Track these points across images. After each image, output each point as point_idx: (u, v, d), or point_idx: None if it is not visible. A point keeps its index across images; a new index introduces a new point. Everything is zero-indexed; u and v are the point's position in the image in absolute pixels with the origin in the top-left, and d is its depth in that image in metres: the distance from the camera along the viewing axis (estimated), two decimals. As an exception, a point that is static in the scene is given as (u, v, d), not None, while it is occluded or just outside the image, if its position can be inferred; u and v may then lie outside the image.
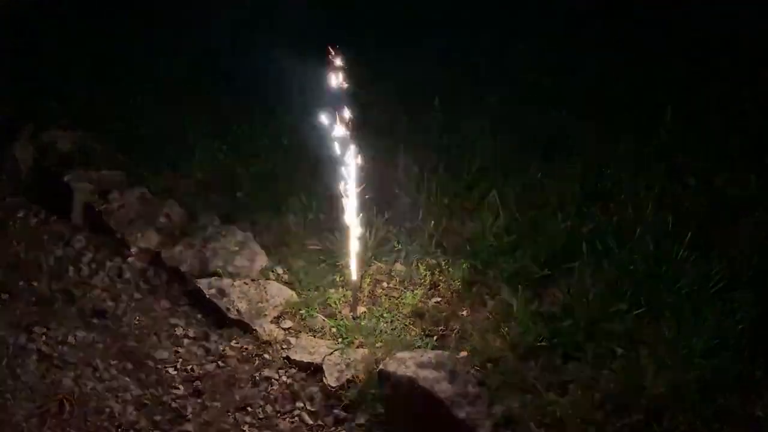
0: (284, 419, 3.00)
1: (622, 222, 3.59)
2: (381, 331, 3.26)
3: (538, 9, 5.49)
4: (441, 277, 3.54)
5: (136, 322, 3.43)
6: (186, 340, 3.36)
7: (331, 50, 3.04)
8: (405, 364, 2.89)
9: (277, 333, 3.35)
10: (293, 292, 3.53)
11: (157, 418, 2.96)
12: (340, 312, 3.40)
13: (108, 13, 5.60)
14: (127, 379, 3.13)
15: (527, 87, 4.80)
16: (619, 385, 2.87)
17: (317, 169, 4.17)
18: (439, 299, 3.45)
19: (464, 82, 4.88)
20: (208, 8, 5.64)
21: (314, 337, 3.32)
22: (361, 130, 3.14)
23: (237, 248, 3.72)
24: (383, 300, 3.45)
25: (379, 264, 3.63)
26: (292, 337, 3.34)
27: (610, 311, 3.15)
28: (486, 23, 5.45)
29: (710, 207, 3.67)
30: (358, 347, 3.20)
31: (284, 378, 3.16)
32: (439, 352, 3.00)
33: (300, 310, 3.44)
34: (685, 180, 3.88)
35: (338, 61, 3.05)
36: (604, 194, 3.86)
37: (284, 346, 3.29)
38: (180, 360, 3.25)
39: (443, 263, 3.60)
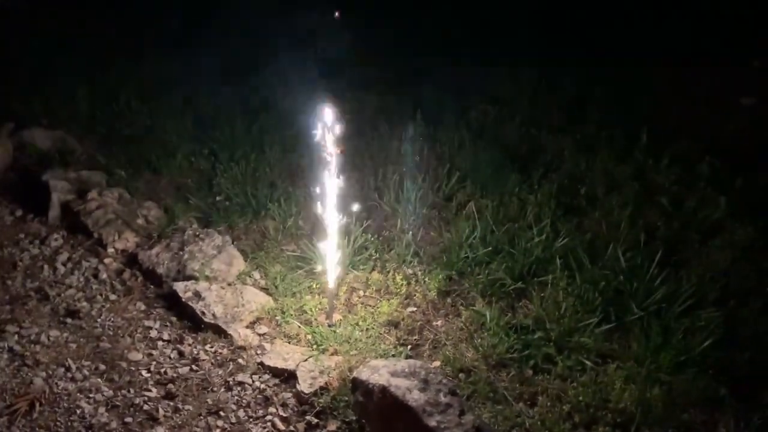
0: (256, 424, 3.00)
1: (596, 238, 3.67)
2: (356, 339, 3.29)
3: (517, 28, 5.59)
4: (417, 287, 3.58)
5: (110, 323, 3.42)
6: (160, 343, 3.35)
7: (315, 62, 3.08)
8: (378, 372, 2.91)
9: (252, 338, 3.36)
10: (269, 298, 3.54)
11: (129, 419, 2.95)
12: (315, 319, 3.42)
13: (93, 14, 5.60)
14: (99, 380, 3.11)
15: (506, 103, 4.87)
16: (587, 397, 2.93)
17: (297, 175, 4.21)
18: (414, 309, 3.49)
19: (445, 96, 4.94)
20: (192, 11, 5.66)
21: (289, 343, 3.33)
22: (342, 139, 3.17)
23: (215, 252, 3.73)
24: (359, 308, 3.48)
25: (356, 272, 3.66)
26: (266, 342, 3.35)
27: (581, 325, 3.22)
28: (466, 41, 5.53)
29: (681, 227, 3.76)
30: (332, 354, 3.23)
31: (258, 383, 3.17)
32: (413, 361, 3.03)
33: (276, 315, 3.46)
34: (658, 200, 3.97)
35: (322, 72, 3.09)
36: (578, 210, 3.94)
37: (259, 352, 3.30)
38: (153, 362, 3.24)
39: (419, 273, 3.64)
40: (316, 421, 2.99)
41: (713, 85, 5.00)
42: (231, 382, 3.16)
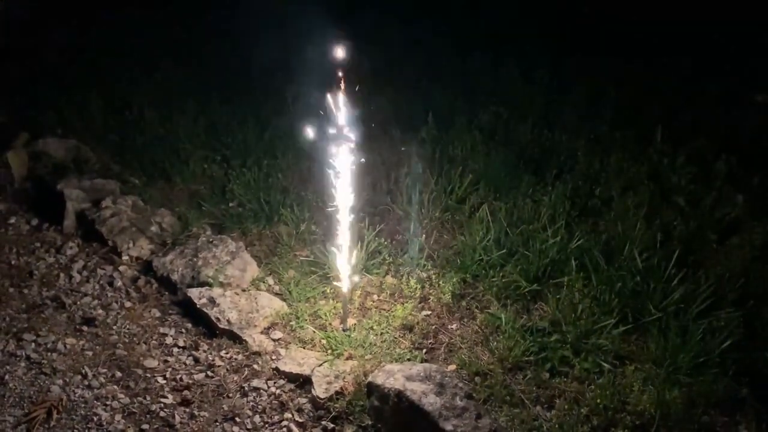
0: (272, 430, 3.00)
1: (611, 239, 3.63)
2: (370, 343, 3.28)
3: (528, 28, 5.57)
4: (431, 291, 3.56)
5: (126, 331, 3.43)
6: (175, 350, 3.36)
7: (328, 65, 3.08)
8: (393, 376, 2.90)
9: (267, 344, 3.36)
10: (284, 303, 3.54)
11: (145, 426, 2.96)
12: (330, 324, 3.42)
13: (104, 23, 5.64)
14: (115, 387, 3.12)
15: (518, 104, 4.85)
16: (605, 400, 2.90)
17: (310, 180, 4.21)
18: (428, 312, 3.47)
19: (457, 97, 4.92)
20: (202, 19, 5.70)
21: (304, 348, 3.33)
22: (355, 143, 3.17)
23: (228, 258, 3.73)
24: (373, 312, 3.47)
25: (370, 276, 3.65)
26: (281, 348, 3.35)
27: (598, 327, 3.18)
28: (477, 42, 5.52)
29: (698, 227, 3.72)
30: (347, 359, 3.21)
31: (273, 389, 3.17)
32: (428, 365, 3.02)
33: (290, 321, 3.46)
34: (673, 199, 3.93)
35: (334, 75, 3.08)
36: (593, 211, 3.91)
37: (274, 357, 3.30)
38: (169, 369, 3.25)
39: (433, 276, 3.63)
40: (331, 426, 2.98)
41: (727, 82, 4.95)
42: (246, 388, 3.16)
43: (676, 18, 5.47)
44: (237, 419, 3.02)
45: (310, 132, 3.18)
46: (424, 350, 3.27)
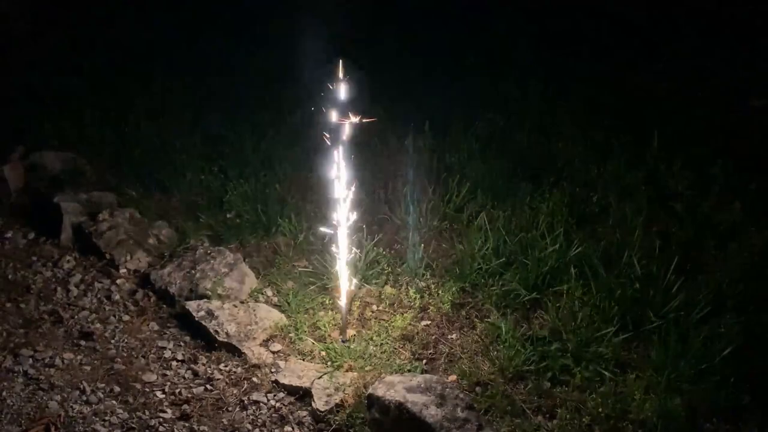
0: (272, 443, 2.99)
1: (610, 246, 3.63)
2: (370, 354, 3.27)
3: (523, 35, 5.58)
4: (430, 300, 3.55)
5: (124, 345, 3.41)
6: (174, 363, 3.34)
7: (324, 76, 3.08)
8: (394, 388, 2.89)
9: (266, 356, 3.34)
10: (282, 315, 3.53)
11: (144, 441, 2.94)
12: (329, 335, 3.40)
13: (100, 35, 5.64)
14: (114, 402, 3.10)
15: (515, 111, 4.85)
16: (606, 409, 2.89)
17: (307, 190, 4.20)
18: (428, 322, 3.46)
19: (453, 106, 4.92)
20: (197, 30, 5.69)
21: (303, 360, 3.31)
22: (352, 152, 3.16)
23: (226, 270, 3.72)
24: (373, 323, 3.46)
25: (369, 286, 3.64)
26: (281, 360, 3.33)
27: (598, 335, 3.17)
28: (476, 49, 5.52)
29: (696, 233, 3.72)
30: (347, 371, 3.20)
31: (273, 402, 3.15)
32: (428, 375, 3.01)
33: (289, 333, 3.44)
34: (671, 205, 3.93)
35: (330, 85, 3.08)
36: (591, 218, 3.91)
37: (273, 370, 3.28)
38: (168, 383, 3.23)
39: (433, 286, 3.62)
40: (332, 438, 2.96)
41: (723, 87, 4.96)
42: (246, 401, 3.14)
43: (669, 23, 5.49)
44: (237, 433, 3.00)
45: (306, 142, 3.18)
46: (425, 361, 3.25)
